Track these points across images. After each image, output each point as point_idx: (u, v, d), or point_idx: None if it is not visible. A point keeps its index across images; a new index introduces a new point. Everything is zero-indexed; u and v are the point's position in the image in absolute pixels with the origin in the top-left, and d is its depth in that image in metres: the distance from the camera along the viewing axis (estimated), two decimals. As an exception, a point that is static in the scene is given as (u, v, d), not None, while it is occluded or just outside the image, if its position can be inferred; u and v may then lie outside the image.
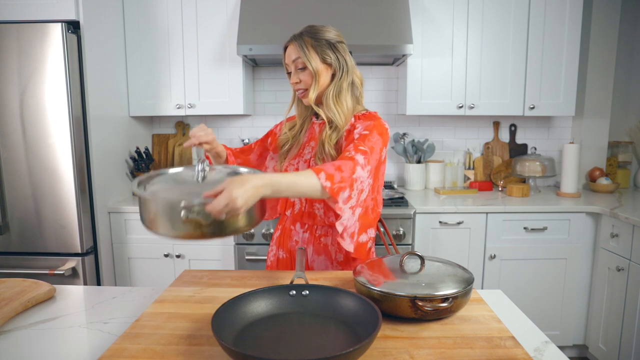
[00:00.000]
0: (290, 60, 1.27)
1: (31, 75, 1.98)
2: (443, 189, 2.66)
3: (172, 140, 2.85)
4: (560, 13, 2.45)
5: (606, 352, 2.22)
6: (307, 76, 1.26)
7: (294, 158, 1.36)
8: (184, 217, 0.86)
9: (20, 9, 2.01)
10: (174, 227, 0.89)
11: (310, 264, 1.34)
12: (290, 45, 1.27)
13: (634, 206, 2.26)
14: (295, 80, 1.28)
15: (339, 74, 1.27)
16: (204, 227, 0.88)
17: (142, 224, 0.95)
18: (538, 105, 2.51)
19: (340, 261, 1.33)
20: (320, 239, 1.33)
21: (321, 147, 1.26)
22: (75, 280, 2.09)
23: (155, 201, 0.92)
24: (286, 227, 1.40)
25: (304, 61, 1.24)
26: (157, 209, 0.91)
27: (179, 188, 1.02)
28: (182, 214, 0.86)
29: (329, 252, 1.33)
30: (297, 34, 1.28)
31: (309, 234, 1.34)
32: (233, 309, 0.85)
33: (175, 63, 2.50)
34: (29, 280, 1.14)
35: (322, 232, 1.33)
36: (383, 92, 2.85)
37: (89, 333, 0.92)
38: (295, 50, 1.25)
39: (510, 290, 2.28)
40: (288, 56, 1.28)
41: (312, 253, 1.34)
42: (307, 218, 1.34)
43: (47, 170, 2.04)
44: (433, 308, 0.87)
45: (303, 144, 1.36)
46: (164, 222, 0.90)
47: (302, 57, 1.24)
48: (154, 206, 0.91)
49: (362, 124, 1.25)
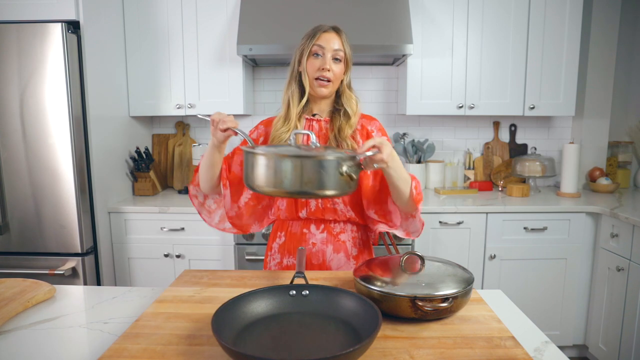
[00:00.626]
0: (332, 48, 1.25)
1: (31, 75, 1.99)
2: (443, 189, 2.66)
3: (172, 140, 2.85)
4: (560, 13, 2.45)
5: (606, 352, 2.22)
6: (339, 69, 1.27)
7: None
8: (344, 172, 0.91)
9: (20, 9, 2.01)
10: (329, 184, 0.91)
11: (329, 263, 1.33)
12: (330, 33, 1.27)
13: (634, 206, 2.26)
14: (327, 68, 1.25)
15: (350, 70, 1.33)
16: (352, 182, 0.94)
17: (267, 189, 0.94)
18: (538, 105, 2.51)
19: (354, 255, 1.35)
20: (339, 237, 1.33)
21: (336, 137, 1.27)
22: (75, 280, 2.10)
23: (314, 161, 0.91)
24: (294, 232, 1.35)
25: (345, 54, 1.27)
26: (312, 168, 0.91)
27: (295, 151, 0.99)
28: (344, 168, 0.91)
29: (347, 248, 1.34)
30: (337, 27, 1.29)
31: (326, 233, 1.33)
32: (233, 309, 0.85)
33: (175, 63, 2.50)
34: (29, 280, 1.14)
35: (340, 229, 1.33)
36: (383, 92, 2.85)
37: (89, 333, 0.92)
38: (340, 42, 1.27)
39: (510, 290, 2.28)
40: (329, 42, 1.26)
41: (332, 252, 1.33)
42: (329, 214, 1.31)
43: (47, 170, 2.04)
44: (433, 308, 0.87)
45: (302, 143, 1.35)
46: (319, 180, 0.91)
47: (347, 51, 1.27)
48: (310, 165, 0.91)
49: (371, 126, 1.33)
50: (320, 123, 1.32)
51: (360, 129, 1.32)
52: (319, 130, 1.32)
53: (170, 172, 2.83)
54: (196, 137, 2.90)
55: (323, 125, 1.32)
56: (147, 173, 2.58)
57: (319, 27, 1.29)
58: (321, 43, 1.26)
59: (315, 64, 1.26)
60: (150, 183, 2.58)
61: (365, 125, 1.33)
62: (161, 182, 2.77)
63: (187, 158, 2.80)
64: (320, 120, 1.33)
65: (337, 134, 1.27)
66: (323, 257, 1.32)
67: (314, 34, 1.28)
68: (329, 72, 1.25)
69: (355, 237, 1.36)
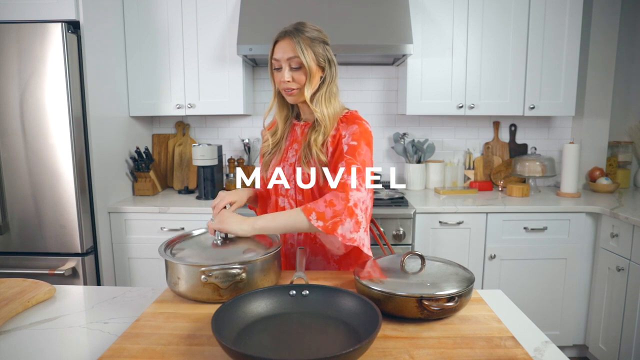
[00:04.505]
0: (285, 57, 1.20)
1: (31, 75, 1.98)
2: (443, 189, 2.66)
3: (172, 140, 2.85)
4: (560, 13, 2.45)
5: (606, 352, 2.22)
6: (300, 75, 1.21)
7: (278, 164, 1.33)
8: (204, 281, 0.95)
9: (20, 9, 2.01)
10: (195, 290, 0.98)
11: (307, 265, 1.32)
12: (283, 40, 1.20)
13: (634, 206, 2.26)
14: (287, 79, 1.20)
15: (330, 75, 1.25)
16: (222, 290, 0.97)
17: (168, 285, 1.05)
18: (538, 105, 2.51)
19: (336, 259, 1.33)
20: (316, 240, 1.32)
21: (306, 150, 1.24)
22: (75, 280, 2.09)
23: (178, 266, 1.00)
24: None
25: (301, 60, 1.18)
26: (180, 274, 1.00)
27: (201, 253, 1.10)
28: (202, 278, 0.95)
29: (325, 251, 1.32)
30: (291, 30, 1.20)
31: (304, 235, 1.32)
32: (233, 309, 0.85)
33: (175, 63, 2.50)
34: (29, 280, 1.14)
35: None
36: (383, 92, 2.85)
37: (89, 333, 0.92)
38: (292, 48, 1.18)
39: (510, 290, 2.28)
40: (282, 52, 1.20)
41: (309, 254, 1.33)
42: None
43: (47, 170, 2.04)
44: (439, 307, 0.87)
45: (286, 148, 1.33)
46: (187, 285, 0.99)
47: (300, 55, 1.18)
48: (177, 271, 1.00)
49: (347, 130, 1.23)
50: (303, 128, 1.32)
51: (334, 134, 1.25)
52: (300, 134, 1.31)
53: (170, 172, 2.83)
54: (196, 137, 2.90)
55: (303, 130, 1.31)
56: (147, 173, 2.58)
57: (277, 35, 1.23)
58: (276, 55, 1.22)
59: (277, 77, 1.24)
60: (150, 183, 2.58)
61: (342, 129, 1.25)
62: (161, 182, 2.77)
63: (187, 158, 2.80)
64: (304, 126, 1.32)
65: (307, 145, 1.25)
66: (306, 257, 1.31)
67: (272, 45, 1.23)
68: (289, 82, 1.21)
69: None
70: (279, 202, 1.34)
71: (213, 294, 0.97)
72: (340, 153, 1.21)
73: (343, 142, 1.22)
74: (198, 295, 0.99)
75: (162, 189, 2.78)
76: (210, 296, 0.98)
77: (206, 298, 0.98)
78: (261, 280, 1.01)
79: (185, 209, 2.29)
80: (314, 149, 1.22)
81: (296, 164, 1.29)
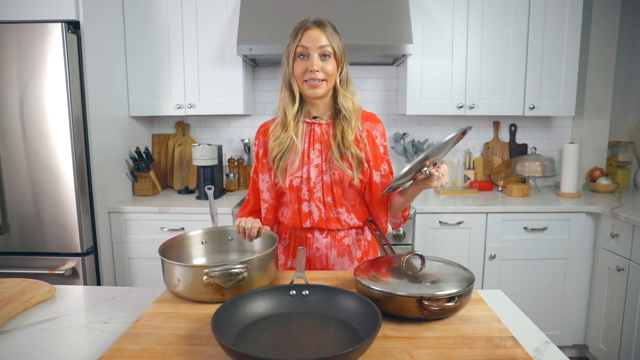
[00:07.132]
0: (316, 45, 1.18)
1: (31, 75, 1.98)
2: (443, 189, 2.66)
3: (172, 140, 2.85)
4: (560, 13, 2.45)
5: (606, 352, 2.22)
6: (328, 65, 1.20)
7: (298, 169, 1.26)
8: (206, 282, 0.96)
9: (20, 9, 2.01)
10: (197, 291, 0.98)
11: (332, 266, 1.33)
12: (313, 29, 1.19)
13: (634, 206, 2.26)
14: (316, 67, 1.17)
15: (346, 68, 1.27)
16: (224, 290, 0.97)
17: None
18: (538, 105, 2.51)
19: (359, 257, 1.35)
20: (342, 241, 1.32)
21: (339, 145, 1.23)
22: (75, 280, 2.09)
23: (180, 267, 1.00)
24: (299, 236, 1.34)
25: (333, 48, 1.19)
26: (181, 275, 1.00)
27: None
28: (204, 279, 0.95)
29: (351, 251, 1.33)
30: (321, 21, 1.21)
31: (330, 238, 1.31)
32: (233, 309, 0.85)
33: (175, 63, 2.50)
34: (29, 280, 1.14)
35: (344, 234, 1.33)
36: (383, 92, 2.85)
37: (89, 333, 0.92)
38: (325, 36, 1.18)
39: (510, 290, 2.28)
40: (312, 40, 1.18)
41: (336, 256, 1.32)
42: (332, 223, 1.29)
43: (47, 170, 2.04)
44: (439, 307, 0.87)
45: (304, 151, 1.27)
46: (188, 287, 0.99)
47: (335, 45, 1.19)
48: (178, 272, 1.00)
49: (376, 130, 1.31)
50: (322, 127, 1.28)
51: (366, 134, 1.28)
52: (320, 135, 1.27)
53: (170, 172, 2.83)
54: (196, 137, 2.90)
55: (324, 130, 1.28)
56: (147, 173, 2.58)
57: (301, 24, 1.21)
58: (305, 43, 1.19)
59: (302, 66, 1.20)
60: (150, 183, 2.58)
61: (370, 130, 1.29)
62: (161, 182, 2.77)
63: (187, 158, 2.80)
64: (322, 124, 1.28)
65: (341, 142, 1.22)
66: (327, 261, 1.32)
67: (296, 33, 1.20)
68: (318, 72, 1.19)
69: (360, 239, 1.36)
70: (302, 208, 1.29)
71: (216, 294, 0.97)
72: (378, 153, 1.30)
73: (377, 142, 1.30)
74: (200, 296, 0.99)
75: (162, 189, 2.78)
76: (213, 296, 0.98)
77: (209, 299, 0.98)
78: (261, 277, 1.03)
79: (185, 209, 2.29)
80: (351, 147, 1.23)
81: (323, 165, 1.26)
